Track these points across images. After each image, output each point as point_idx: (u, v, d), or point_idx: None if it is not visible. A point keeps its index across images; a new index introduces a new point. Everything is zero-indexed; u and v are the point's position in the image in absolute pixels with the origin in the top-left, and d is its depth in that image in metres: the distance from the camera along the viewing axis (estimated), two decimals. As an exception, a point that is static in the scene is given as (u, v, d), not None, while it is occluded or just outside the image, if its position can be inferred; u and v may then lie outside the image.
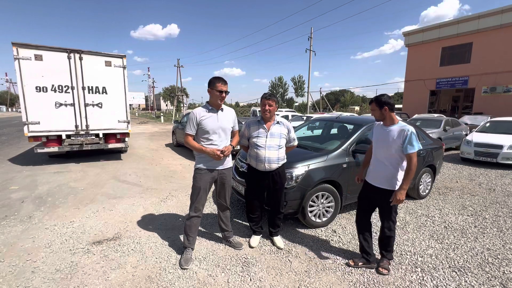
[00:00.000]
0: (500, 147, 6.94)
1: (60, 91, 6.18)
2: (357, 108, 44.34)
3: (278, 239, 2.95)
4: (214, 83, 2.47)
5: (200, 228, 3.14)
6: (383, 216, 2.51)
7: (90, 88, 6.47)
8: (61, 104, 6.22)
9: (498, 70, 16.56)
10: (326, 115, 11.58)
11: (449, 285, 2.30)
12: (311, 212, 3.25)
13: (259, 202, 2.94)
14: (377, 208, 2.58)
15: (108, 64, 6.57)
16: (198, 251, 2.76)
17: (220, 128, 2.54)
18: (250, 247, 2.87)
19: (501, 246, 2.97)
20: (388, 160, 2.38)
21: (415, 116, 12.83)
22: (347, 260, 2.64)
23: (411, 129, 2.28)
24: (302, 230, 3.29)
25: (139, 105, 66.07)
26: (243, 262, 2.60)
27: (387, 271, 2.46)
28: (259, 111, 17.22)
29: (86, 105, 6.45)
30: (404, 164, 2.34)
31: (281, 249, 2.85)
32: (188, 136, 2.52)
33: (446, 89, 19.86)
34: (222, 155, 2.52)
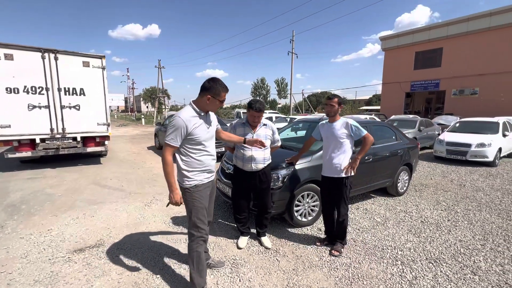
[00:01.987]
0: (469, 145, 7.46)
1: (34, 92, 5.86)
2: (338, 109, 45.43)
3: (266, 239, 2.99)
4: (220, 92, 1.99)
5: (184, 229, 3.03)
6: (338, 203, 2.82)
7: (67, 89, 6.19)
8: (34, 106, 5.89)
9: (466, 74, 17.77)
10: (309, 116, 11.83)
11: (427, 276, 2.45)
12: (297, 211, 3.33)
13: (246, 203, 2.97)
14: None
15: (86, 64, 6.33)
16: (186, 254, 2.73)
17: (211, 134, 2.16)
18: (238, 248, 2.89)
19: (471, 237, 3.21)
20: (338, 151, 2.74)
21: (392, 117, 13.43)
22: (330, 255, 2.76)
23: (351, 120, 2.78)
24: (288, 230, 3.36)
25: (117, 107, 63.75)
26: (232, 263, 2.61)
27: (338, 253, 2.75)
28: (243, 112, 17.24)
29: (62, 107, 6.16)
30: (350, 150, 2.78)
31: (269, 249, 2.89)
32: (170, 148, 1.93)
33: (420, 91, 21.01)
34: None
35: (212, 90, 1.98)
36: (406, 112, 20.96)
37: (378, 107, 28.74)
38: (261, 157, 2.74)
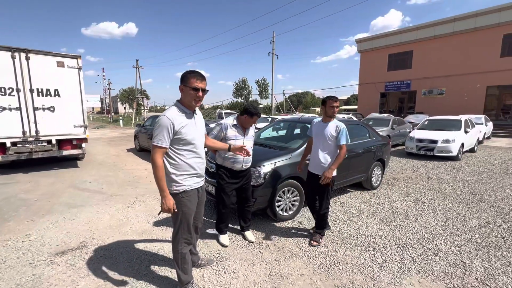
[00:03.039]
0: (435, 141, 8.07)
1: (3, 94, 5.57)
2: (318, 109, 46.84)
3: (249, 233, 3.13)
4: (188, 78, 1.88)
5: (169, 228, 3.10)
6: (321, 197, 2.98)
7: (40, 90, 5.94)
8: (4, 108, 5.61)
9: (434, 75, 19.04)
10: (289, 116, 12.13)
11: (395, 259, 2.71)
12: (278, 206, 3.50)
13: (229, 200, 3.08)
14: None
15: (60, 65, 6.11)
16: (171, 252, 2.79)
17: (201, 135, 2.06)
18: (223, 246, 2.97)
19: (434, 224, 3.55)
20: (325, 150, 2.89)
21: (369, 116, 14.12)
22: (311, 246, 2.95)
23: (343, 125, 2.84)
24: (271, 224, 3.52)
25: (93, 108, 60.94)
26: (217, 257, 2.72)
27: (317, 243, 2.96)
28: (225, 113, 17.25)
29: (35, 109, 5.90)
30: (336, 153, 2.89)
31: (252, 242, 3.03)
32: (159, 150, 1.83)
33: (394, 91, 22.16)
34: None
35: (182, 79, 1.91)
36: (381, 111, 22.03)
37: (356, 107, 29.89)
38: (250, 157, 2.92)
